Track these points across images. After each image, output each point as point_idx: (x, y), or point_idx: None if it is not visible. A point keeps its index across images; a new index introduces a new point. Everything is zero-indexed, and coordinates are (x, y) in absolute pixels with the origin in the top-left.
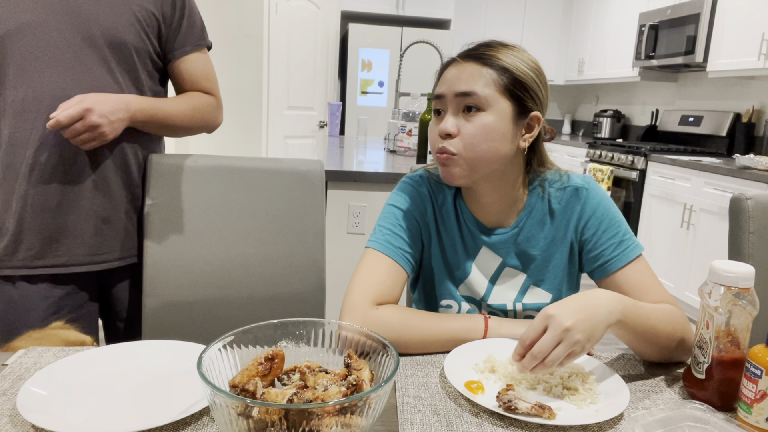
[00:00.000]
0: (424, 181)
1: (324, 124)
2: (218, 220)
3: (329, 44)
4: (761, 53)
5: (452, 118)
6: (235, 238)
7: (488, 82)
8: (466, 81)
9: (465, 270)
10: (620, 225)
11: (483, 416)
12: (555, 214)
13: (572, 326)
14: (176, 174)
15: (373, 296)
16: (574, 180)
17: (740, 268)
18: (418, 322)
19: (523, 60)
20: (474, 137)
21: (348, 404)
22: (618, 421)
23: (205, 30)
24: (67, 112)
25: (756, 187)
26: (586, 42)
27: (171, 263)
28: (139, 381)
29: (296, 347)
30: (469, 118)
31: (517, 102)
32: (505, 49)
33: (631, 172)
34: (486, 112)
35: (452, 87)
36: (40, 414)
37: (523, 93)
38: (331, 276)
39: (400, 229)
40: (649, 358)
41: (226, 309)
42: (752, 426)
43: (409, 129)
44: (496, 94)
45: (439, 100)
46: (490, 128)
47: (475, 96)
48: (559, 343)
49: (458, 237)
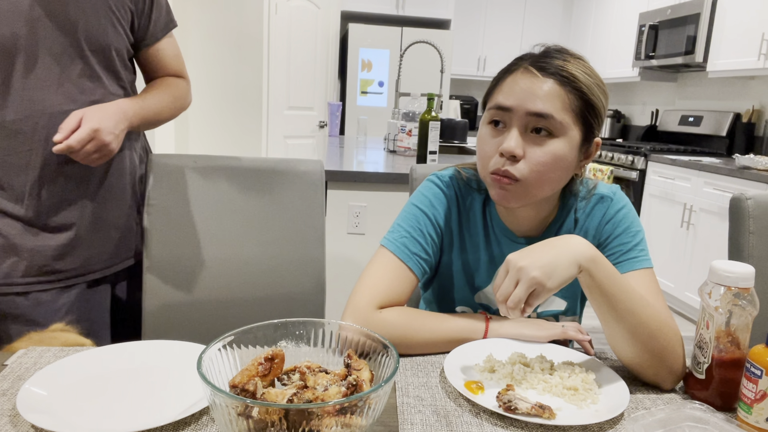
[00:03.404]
0: (453, 183)
1: (324, 124)
2: (218, 220)
3: (329, 44)
4: (761, 53)
5: (519, 137)
6: (235, 238)
7: (565, 104)
8: (543, 100)
9: (485, 278)
10: (635, 236)
11: (483, 416)
12: (578, 223)
13: (527, 264)
14: (176, 174)
15: (379, 300)
16: (601, 189)
17: (740, 268)
18: (420, 324)
19: (594, 79)
20: (543, 165)
21: (348, 404)
22: (618, 421)
23: (170, 11)
24: (77, 136)
25: (756, 187)
26: (586, 42)
27: (171, 263)
28: (139, 381)
29: (296, 347)
30: (539, 142)
31: (586, 127)
32: (576, 61)
33: (631, 172)
34: (558, 139)
35: (525, 103)
36: (40, 414)
37: (594, 118)
38: (331, 276)
39: (419, 233)
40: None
41: (226, 309)
42: (752, 426)
43: (409, 129)
44: (570, 119)
45: (501, 111)
46: (559, 157)
47: (551, 120)
48: (517, 283)
49: (483, 243)
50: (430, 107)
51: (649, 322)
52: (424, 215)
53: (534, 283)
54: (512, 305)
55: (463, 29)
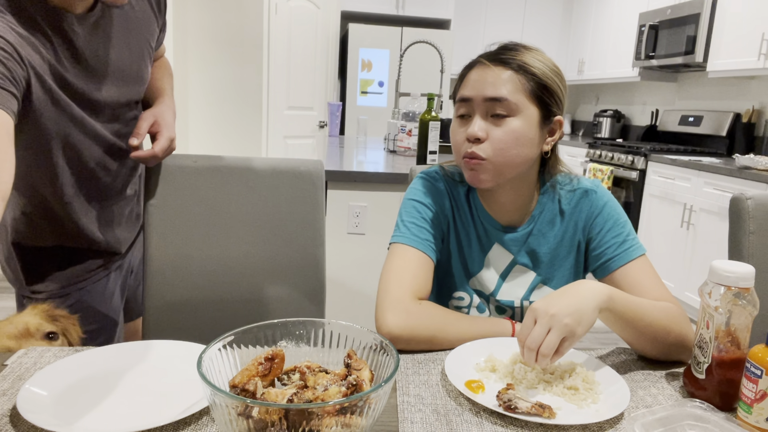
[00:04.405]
0: (440, 177)
1: (324, 124)
2: (218, 220)
3: (329, 44)
4: (761, 53)
5: (481, 122)
6: (235, 238)
7: (517, 87)
8: (495, 85)
9: (478, 265)
10: (624, 226)
11: (483, 415)
12: (565, 215)
13: (558, 311)
14: (176, 174)
15: (412, 290)
16: (584, 183)
17: (740, 268)
18: (454, 321)
19: (547, 64)
20: (504, 142)
21: (348, 404)
22: (618, 420)
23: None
24: (162, 146)
25: (756, 187)
26: (586, 42)
27: (171, 263)
28: (139, 381)
29: (296, 347)
30: (498, 123)
31: (543, 107)
32: (529, 52)
33: (631, 172)
34: (515, 118)
35: (481, 91)
36: (40, 414)
37: (549, 98)
38: (331, 276)
39: (423, 221)
40: (646, 353)
41: (226, 309)
42: (752, 426)
43: (409, 129)
44: (525, 99)
45: (464, 103)
46: (519, 134)
47: (506, 102)
48: (549, 330)
49: (473, 232)
50: (430, 107)
51: (662, 321)
52: (423, 205)
53: (566, 330)
54: (546, 352)
55: (463, 29)
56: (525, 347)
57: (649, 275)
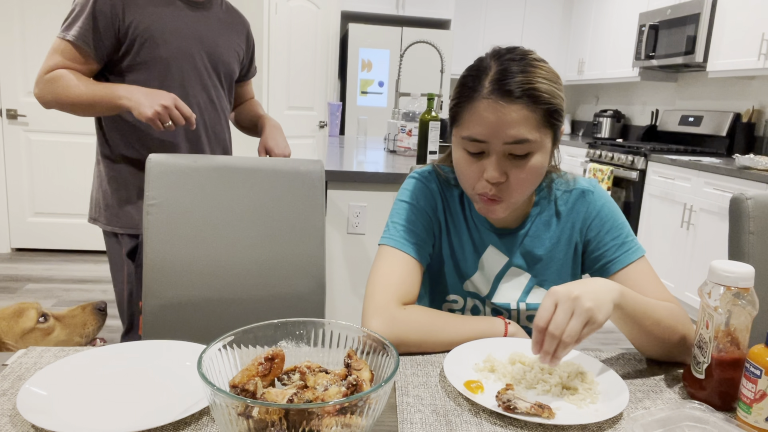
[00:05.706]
0: (433, 177)
1: (324, 124)
2: (218, 221)
3: (329, 44)
4: (761, 53)
5: (499, 163)
6: (235, 238)
7: (532, 123)
8: (512, 126)
9: (471, 267)
10: (623, 227)
11: (482, 416)
12: (561, 216)
13: (580, 294)
14: (176, 174)
15: (398, 295)
16: (581, 183)
17: (740, 268)
18: (443, 324)
19: (551, 78)
20: (526, 181)
21: (348, 404)
22: (617, 420)
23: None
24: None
25: (756, 187)
26: (586, 42)
27: (171, 263)
28: (139, 381)
29: (296, 347)
30: (518, 164)
31: (554, 129)
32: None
33: (631, 172)
34: (536, 154)
35: (498, 134)
36: (40, 414)
37: (558, 119)
38: (331, 276)
39: (413, 224)
40: (650, 353)
41: (226, 309)
42: (752, 426)
43: (409, 129)
44: (541, 132)
45: (477, 142)
46: (539, 168)
47: (527, 143)
48: (572, 314)
49: (466, 234)
50: (430, 107)
51: (668, 321)
52: (414, 207)
53: (588, 315)
54: (569, 340)
55: (463, 29)
56: (548, 334)
57: (649, 277)
